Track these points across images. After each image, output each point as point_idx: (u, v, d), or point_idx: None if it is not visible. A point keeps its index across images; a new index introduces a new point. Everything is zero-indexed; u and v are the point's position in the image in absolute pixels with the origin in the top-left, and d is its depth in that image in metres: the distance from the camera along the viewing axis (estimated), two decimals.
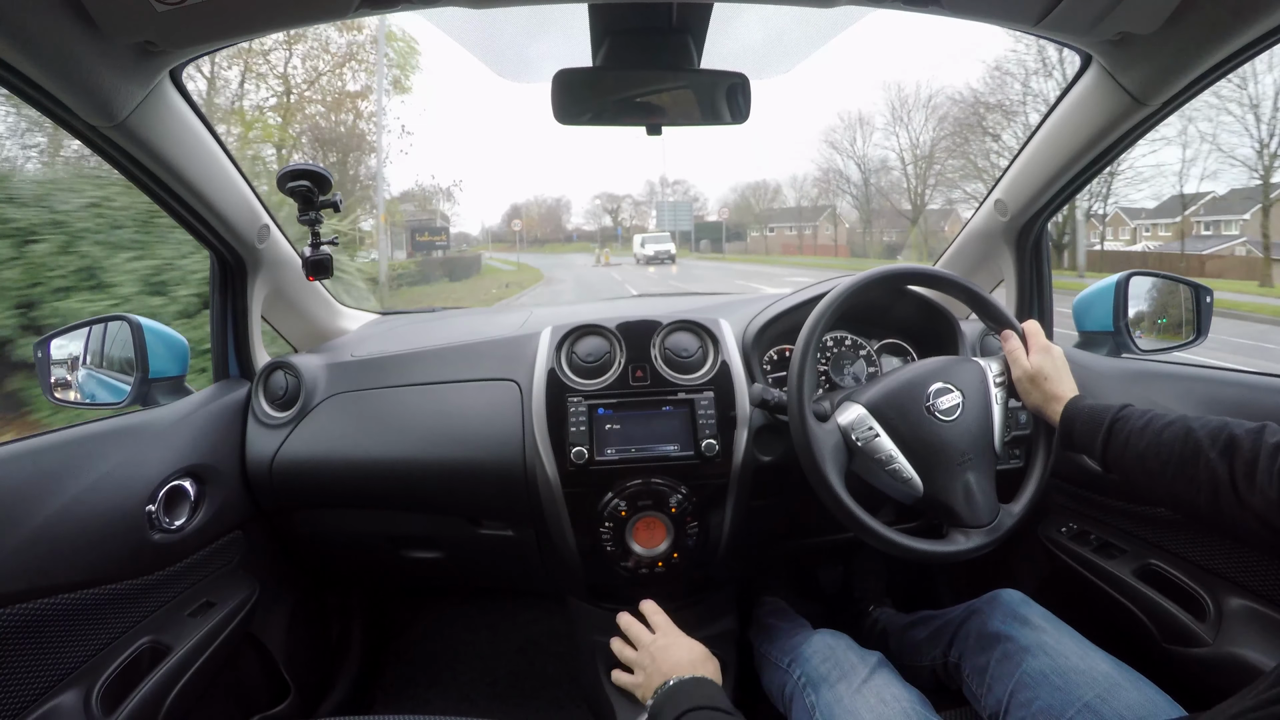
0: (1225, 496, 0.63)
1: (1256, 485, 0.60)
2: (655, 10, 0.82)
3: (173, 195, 0.91)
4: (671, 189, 58.79)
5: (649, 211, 60.29)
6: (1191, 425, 0.68)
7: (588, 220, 66.53)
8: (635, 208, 62.60)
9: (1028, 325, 0.87)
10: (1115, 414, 0.74)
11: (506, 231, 64.35)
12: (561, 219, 68.97)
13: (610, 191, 76.04)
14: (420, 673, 1.51)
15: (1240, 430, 0.64)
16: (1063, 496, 1.11)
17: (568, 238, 64.20)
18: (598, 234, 61.23)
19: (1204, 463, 0.65)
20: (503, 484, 1.01)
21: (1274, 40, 0.70)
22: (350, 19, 0.72)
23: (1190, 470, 0.66)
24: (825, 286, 1.07)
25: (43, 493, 0.76)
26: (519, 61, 0.98)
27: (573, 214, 70.03)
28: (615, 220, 62.31)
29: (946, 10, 0.72)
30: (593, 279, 20.82)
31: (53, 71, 0.65)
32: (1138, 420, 0.72)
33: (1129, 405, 0.75)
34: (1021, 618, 0.82)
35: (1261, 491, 0.60)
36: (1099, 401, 0.78)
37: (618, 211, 62.76)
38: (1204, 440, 0.66)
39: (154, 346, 1.01)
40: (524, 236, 61.76)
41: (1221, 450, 0.64)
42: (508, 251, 50.27)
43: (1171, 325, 1.15)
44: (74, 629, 0.78)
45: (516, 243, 50.68)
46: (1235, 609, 0.84)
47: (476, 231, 66.46)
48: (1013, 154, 1.11)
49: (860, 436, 0.82)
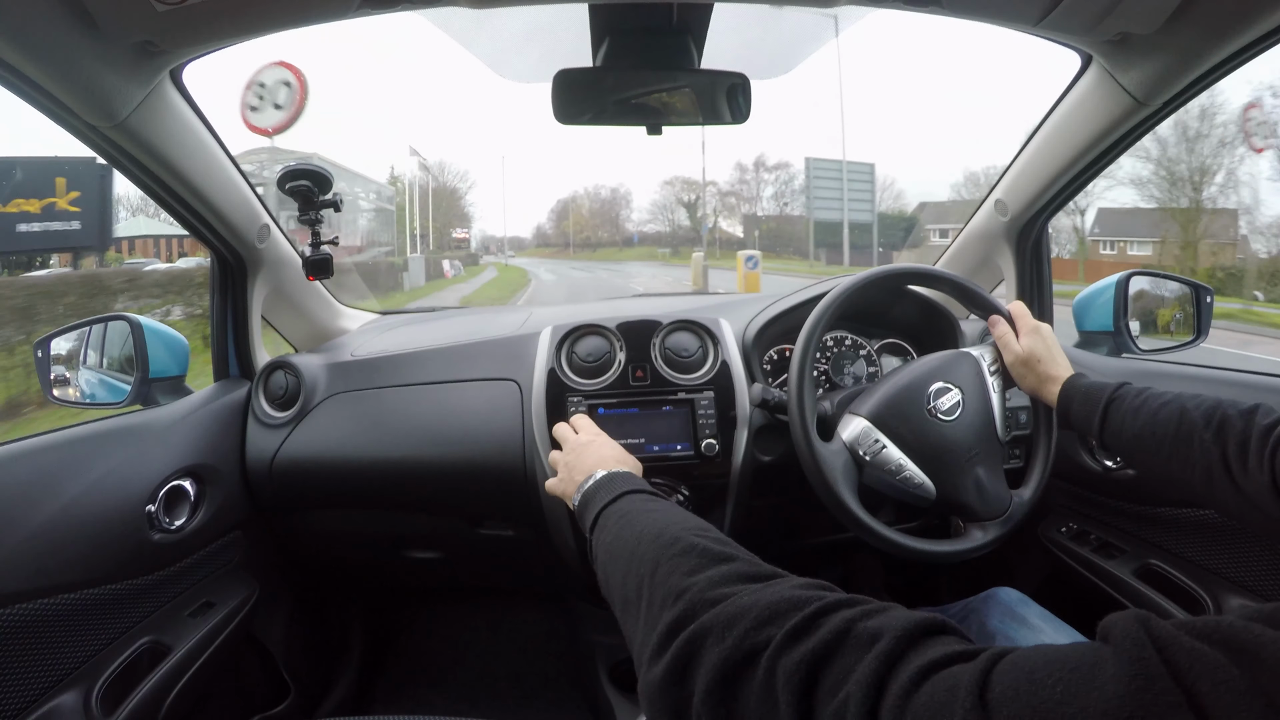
0: (1219, 478, 0.63)
1: (1248, 467, 0.60)
2: (655, 10, 0.82)
3: (173, 195, 0.91)
4: (772, 174, 44.96)
5: (738, 204, 46.52)
6: (1186, 405, 0.68)
7: (654, 217, 51.67)
8: (721, 199, 47.36)
9: (1013, 307, 0.85)
10: (1112, 393, 0.74)
11: (556, 233, 55.89)
12: (619, 216, 54.94)
13: (685, 176, 52.93)
14: (420, 673, 1.51)
15: (1233, 411, 0.64)
16: (1063, 496, 1.11)
17: (626, 240, 51.52)
18: (668, 235, 48.24)
19: (1198, 444, 0.65)
20: (502, 484, 1.01)
21: (1274, 40, 0.70)
22: (350, 19, 0.72)
23: (1185, 451, 0.66)
24: (825, 286, 1.07)
25: (43, 493, 0.76)
26: (519, 61, 0.98)
27: (633, 208, 55.66)
28: (693, 215, 46.41)
29: (947, 10, 0.72)
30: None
31: (53, 71, 0.65)
32: (1134, 399, 0.72)
33: (1126, 383, 0.74)
34: (1019, 617, 0.82)
35: (1253, 474, 0.59)
36: (1095, 380, 0.77)
37: (695, 204, 47.10)
38: (1198, 421, 0.66)
39: (154, 346, 1.01)
40: (573, 239, 53.26)
41: (1215, 432, 0.64)
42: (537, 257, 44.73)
43: (1171, 325, 1.15)
44: (74, 629, 0.78)
45: (568, 246, 45.79)
46: (1235, 609, 0.84)
47: (528, 233, 57.92)
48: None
49: (868, 450, 0.81)
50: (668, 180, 53.67)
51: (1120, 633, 0.27)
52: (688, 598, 0.41)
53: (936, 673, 0.30)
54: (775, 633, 0.35)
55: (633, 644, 0.45)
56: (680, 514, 0.55)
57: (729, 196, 47.64)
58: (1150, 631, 0.27)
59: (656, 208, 52.21)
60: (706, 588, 0.41)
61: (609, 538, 0.56)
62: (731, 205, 47.72)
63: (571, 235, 54.28)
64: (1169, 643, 0.26)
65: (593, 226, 55.27)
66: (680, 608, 0.41)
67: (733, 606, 0.38)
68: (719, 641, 0.37)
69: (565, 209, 57.28)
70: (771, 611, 0.37)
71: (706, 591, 0.41)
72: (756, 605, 0.38)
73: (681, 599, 0.41)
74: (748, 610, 0.38)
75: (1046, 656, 0.28)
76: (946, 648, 0.31)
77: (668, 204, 51.04)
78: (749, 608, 0.38)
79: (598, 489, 0.65)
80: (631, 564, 0.49)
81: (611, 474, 0.67)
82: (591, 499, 0.64)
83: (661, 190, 53.42)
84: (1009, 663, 0.28)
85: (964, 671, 0.29)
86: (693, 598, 0.41)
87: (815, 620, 0.35)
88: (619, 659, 1.13)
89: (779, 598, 0.38)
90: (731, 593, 0.40)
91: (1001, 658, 0.29)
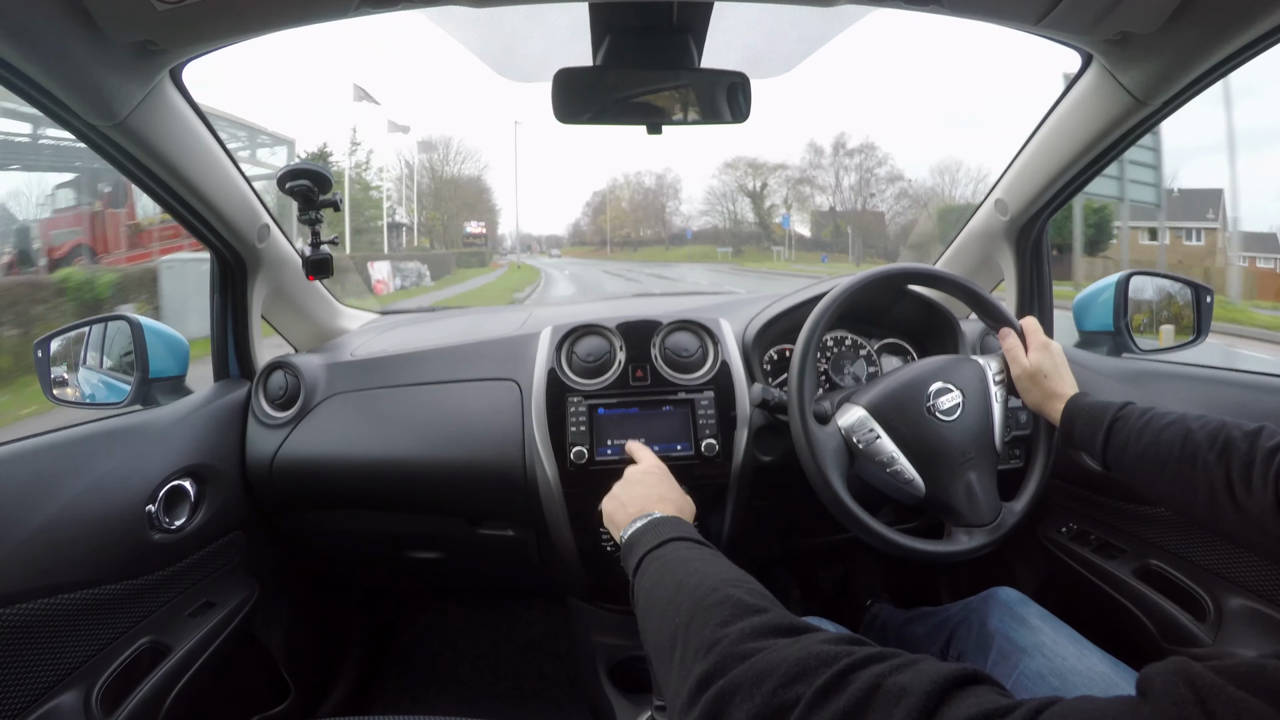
0: (1222, 500, 0.62)
1: (1252, 490, 0.60)
2: (655, 9, 0.82)
3: (173, 194, 0.91)
4: (854, 159, 36.93)
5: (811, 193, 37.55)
6: (1190, 426, 0.67)
7: (710, 208, 41.64)
8: (792, 187, 38.55)
9: (1026, 322, 0.86)
10: (1116, 412, 0.74)
11: (593, 229, 47.54)
12: (666, 209, 45.70)
13: (749, 157, 43.29)
14: (420, 673, 1.51)
15: (1237, 433, 0.64)
16: (1063, 496, 1.11)
17: (675, 237, 42.58)
18: (726, 232, 39.44)
19: (1201, 465, 0.64)
20: (502, 484, 1.01)
21: (1274, 40, 0.70)
22: (350, 18, 0.72)
23: (1188, 472, 0.66)
24: (825, 286, 1.07)
25: (43, 493, 0.76)
26: (519, 61, 0.98)
27: (682, 198, 46.35)
28: (759, 205, 36.96)
29: (947, 10, 0.72)
30: None
31: (53, 71, 0.65)
32: (1138, 419, 0.72)
33: (1130, 403, 0.74)
34: (1019, 617, 0.81)
35: (1257, 496, 0.59)
36: (1099, 399, 0.77)
37: (762, 192, 38.21)
38: (1202, 442, 0.65)
39: (154, 346, 1.01)
40: (610, 237, 45.08)
41: (1219, 453, 0.64)
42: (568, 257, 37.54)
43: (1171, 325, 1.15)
44: (74, 629, 0.78)
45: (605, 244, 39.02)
46: (1235, 609, 0.84)
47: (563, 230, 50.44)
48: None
49: (861, 439, 0.82)
50: (729, 162, 42.34)
51: (1161, 688, 0.26)
52: (718, 650, 0.41)
53: None
54: (804, 691, 0.35)
55: (665, 692, 0.45)
56: (722, 564, 0.55)
57: (802, 185, 38.15)
58: (1192, 683, 0.26)
59: (714, 197, 42.18)
60: (738, 640, 0.41)
61: (649, 583, 0.56)
62: (805, 195, 38.81)
63: (609, 232, 46.51)
64: (1211, 693, 0.25)
65: (634, 222, 47.06)
66: (711, 661, 0.41)
67: (762, 662, 0.38)
68: (748, 699, 0.37)
69: (603, 202, 48.74)
70: (800, 668, 0.36)
71: (737, 645, 0.41)
72: (785, 661, 0.37)
73: (713, 651, 0.41)
74: (776, 666, 0.37)
75: (1086, 714, 0.27)
76: (980, 702, 0.31)
77: (727, 192, 41.30)
78: (778, 664, 0.37)
79: (644, 532, 0.64)
80: (668, 613, 0.49)
81: (660, 518, 0.66)
82: (637, 542, 0.64)
83: (721, 175, 42.59)
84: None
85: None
86: (723, 651, 0.41)
87: (844, 678, 0.35)
88: (619, 659, 1.13)
89: (807, 654, 0.37)
90: (762, 647, 0.40)
91: (1039, 713, 0.28)
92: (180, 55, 0.74)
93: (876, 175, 36.42)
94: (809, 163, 38.45)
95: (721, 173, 42.69)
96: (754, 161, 41.17)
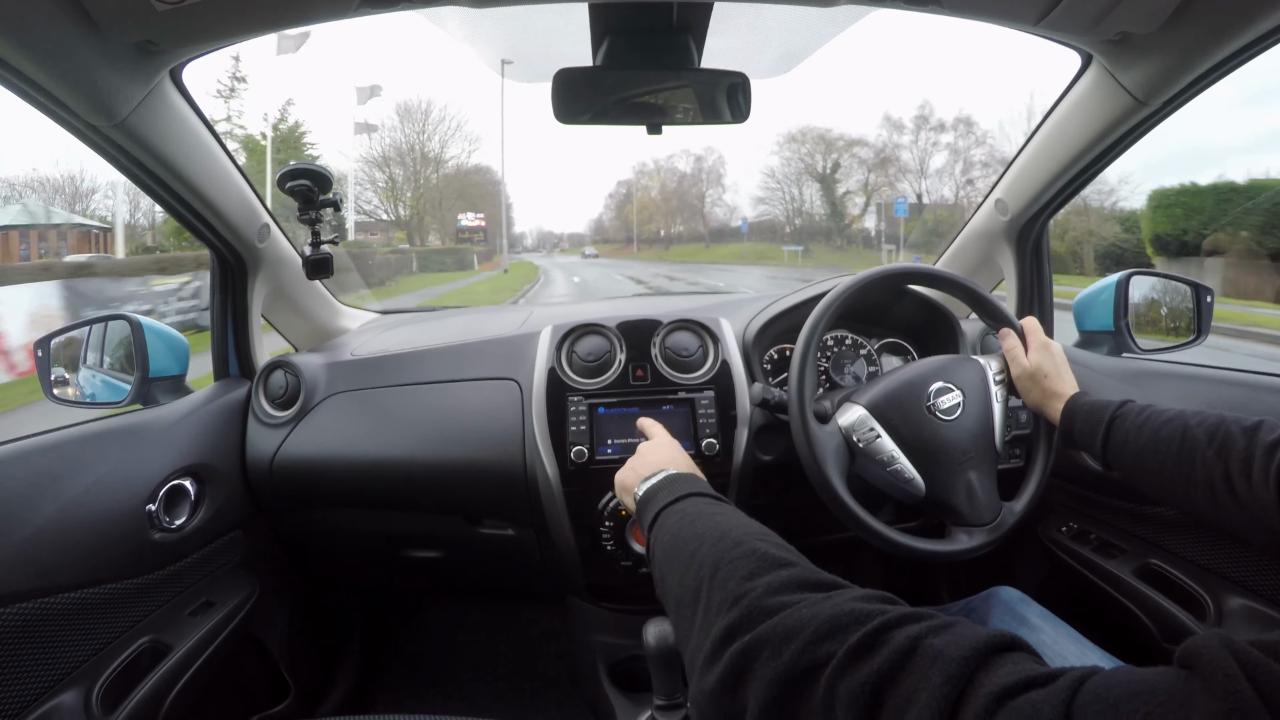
0: (1222, 497, 0.62)
1: (1253, 485, 0.60)
2: (655, 10, 0.82)
3: (173, 194, 0.91)
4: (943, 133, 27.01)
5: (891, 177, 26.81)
6: (1189, 422, 0.67)
7: (769, 195, 30.83)
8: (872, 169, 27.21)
9: (1026, 322, 0.86)
10: (1114, 411, 0.74)
11: (616, 225, 39.23)
12: (706, 197, 35.49)
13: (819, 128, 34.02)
14: (420, 673, 1.51)
15: (1236, 428, 0.64)
16: (1063, 496, 1.11)
17: (716, 232, 32.84)
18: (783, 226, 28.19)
19: (1200, 462, 0.64)
20: (502, 483, 1.01)
21: (1274, 40, 0.71)
22: (350, 19, 0.72)
23: (1187, 469, 0.66)
24: (825, 286, 1.07)
25: (43, 493, 0.76)
26: (519, 61, 0.98)
27: (726, 185, 37.18)
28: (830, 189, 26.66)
29: (946, 10, 0.72)
30: None
31: (53, 71, 0.65)
32: (1136, 417, 0.72)
33: (1129, 401, 0.74)
34: (1019, 616, 0.82)
35: (1258, 491, 0.59)
36: (1099, 398, 0.77)
37: (833, 175, 27.62)
38: (1200, 438, 0.65)
39: (154, 345, 1.01)
40: (637, 233, 36.01)
41: (1218, 449, 0.64)
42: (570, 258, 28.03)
43: (1171, 325, 1.15)
44: (74, 629, 0.78)
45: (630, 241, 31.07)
46: (1235, 609, 0.84)
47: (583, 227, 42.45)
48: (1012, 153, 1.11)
49: (861, 438, 0.82)
50: (794, 134, 31.30)
51: (1209, 662, 0.26)
52: (744, 604, 0.39)
53: (1012, 699, 0.28)
54: (836, 649, 0.34)
55: (685, 646, 0.44)
56: (743, 519, 0.53)
57: (885, 167, 27.24)
58: (1239, 658, 0.25)
59: (775, 180, 31.14)
60: (764, 594, 0.40)
61: (667, 537, 0.54)
62: (881, 181, 28.20)
63: (636, 227, 36.89)
64: (1259, 670, 0.24)
65: (665, 214, 36.76)
66: (736, 614, 0.39)
67: (791, 618, 0.37)
68: (775, 655, 0.35)
69: (628, 193, 39.24)
70: (831, 625, 0.35)
71: (764, 599, 0.39)
72: (816, 618, 0.36)
73: (738, 605, 0.40)
74: (806, 623, 0.36)
75: (1130, 687, 0.27)
76: (1019, 669, 0.30)
77: (790, 173, 30.35)
78: (807, 620, 0.36)
79: (660, 488, 0.63)
80: (690, 565, 0.48)
81: (676, 474, 0.65)
82: (653, 497, 0.62)
83: (782, 152, 31.67)
84: (1090, 694, 0.27)
85: (1043, 701, 0.27)
86: (749, 604, 0.39)
87: (878, 637, 0.33)
88: (619, 659, 1.13)
89: (839, 610, 0.36)
90: (790, 601, 0.38)
91: (1081, 684, 0.27)
92: (180, 55, 0.74)
93: (971, 159, 27.24)
94: (885, 141, 28.97)
95: (783, 148, 31.76)
96: (825, 135, 29.88)
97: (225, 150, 0.94)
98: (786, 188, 31.02)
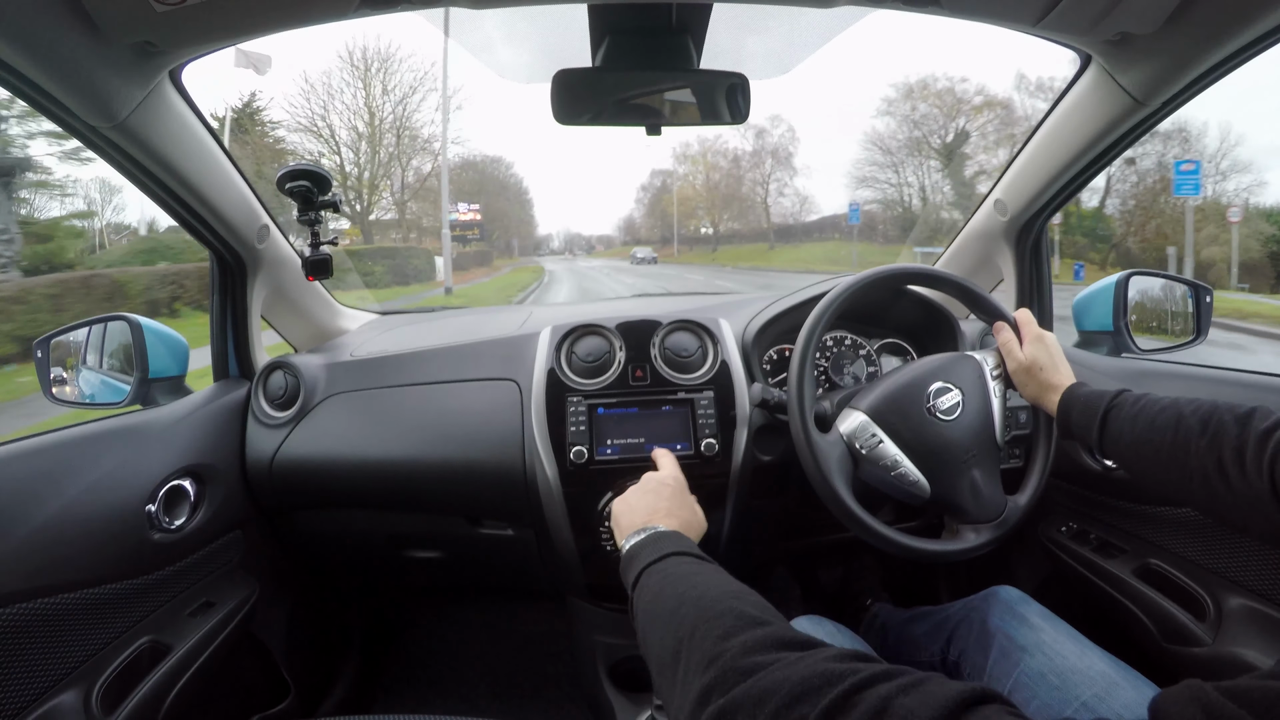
0: (1216, 486, 0.62)
1: (1246, 473, 0.59)
2: (655, 10, 0.82)
3: (172, 195, 0.91)
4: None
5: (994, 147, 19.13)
6: (1183, 411, 0.67)
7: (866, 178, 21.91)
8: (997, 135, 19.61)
9: (1019, 314, 0.86)
10: (1110, 401, 0.74)
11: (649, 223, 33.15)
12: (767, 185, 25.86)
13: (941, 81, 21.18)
14: (420, 673, 1.51)
15: (1229, 416, 0.63)
16: (1063, 496, 1.11)
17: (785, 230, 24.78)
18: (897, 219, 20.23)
19: (1194, 451, 0.64)
20: (502, 484, 1.01)
21: (1274, 40, 0.71)
22: (350, 19, 0.72)
23: (1181, 458, 0.65)
24: (825, 286, 1.07)
25: (43, 493, 0.76)
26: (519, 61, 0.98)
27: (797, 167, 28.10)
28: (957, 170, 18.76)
29: (946, 10, 0.72)
30: None
31: (53, 72, 0.65)
32: (1131, 407, 0.72)
33: (1125, 391, 0.74)
34: (1020, 616, 0.82)
35: (1251, 480, 0.59)
36: (1095, 389, 0.77)
37: (958, 144, 19.50)
38: (1194, 427, 0.65)
39: (154, 346, 1.01)
40: (676, 232, 28.91)
41: (1210, 438, 0.63)
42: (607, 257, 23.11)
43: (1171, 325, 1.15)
44: (74, 629, 0.78)
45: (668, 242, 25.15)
46: (1235, 608, 0.84)
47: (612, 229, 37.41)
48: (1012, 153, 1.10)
49: (864, 444, 0.81)
50: (910, 87, 21.80)
51: (1177, 717, 0.26)
52: (720, 665, 0.40)
53: None
54: (808, 712, 0.34)
55: (669, 707, 0.44)
56: (724, 578, 0.54)
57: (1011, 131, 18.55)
58: (1209, 712, 0.25)
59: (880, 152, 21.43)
60: (739, 654, 0.40)
61: (649, 597, 0.55)
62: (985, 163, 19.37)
63: (676, 225, 29.55)
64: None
65: (710, 205, 27.72)
66: (712, 675, 0.40)
67: (765, 680, 0.37)
68: (750, 719, 0.36)
69: (663, 184, 32.01)
70: (804, 688, 0.35)
71: (739, 659, 0.40)
72: (789, 680, 0.36)
73: (714, 665, 0.40)
74: (779, 685, 0.36)
75: None
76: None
77: (907, 141, 20.66)
78: (781, 683, 0.36)
79: (644, 546, 0.64)
80: (670, 626, 0.48)
81: (661, 532, 0.66)
82: (637, 555, 0.63)
83: (889, 113, 22.29)
84: None
85: None
86: (724, 665, 0.40)
87: (849, 699, 0.34)
88: (619, 659, 1.14)
89: (812, 672, 0.36)
90: (764, 661, 0.39)
91: None
92: (180, 56, 0.74)
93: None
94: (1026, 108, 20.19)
95: (890, 108, 22.14)
96: (949, 91, 20.53)
97: (225, 151, 0.95)
98: (902, 165, 21.40)
